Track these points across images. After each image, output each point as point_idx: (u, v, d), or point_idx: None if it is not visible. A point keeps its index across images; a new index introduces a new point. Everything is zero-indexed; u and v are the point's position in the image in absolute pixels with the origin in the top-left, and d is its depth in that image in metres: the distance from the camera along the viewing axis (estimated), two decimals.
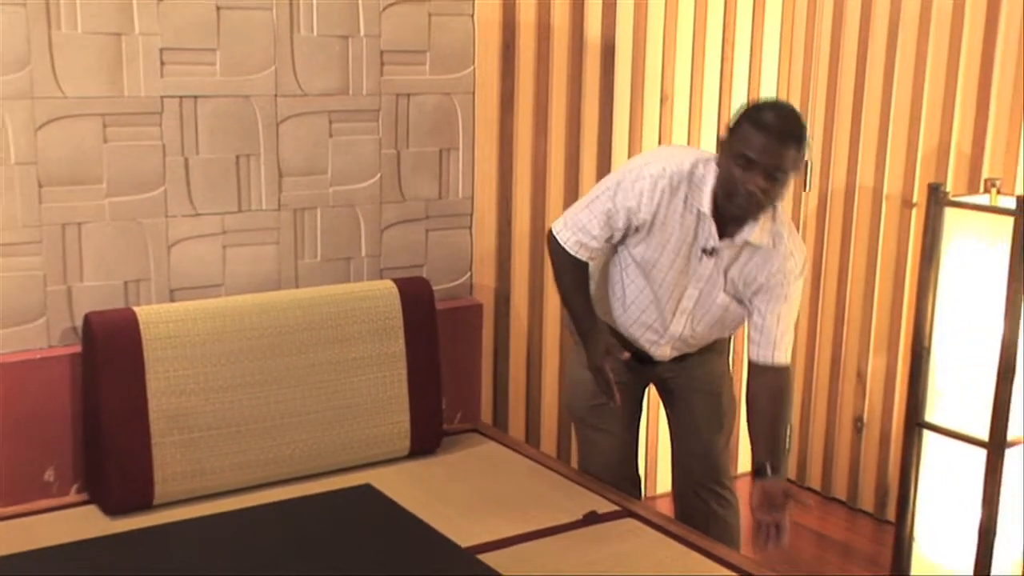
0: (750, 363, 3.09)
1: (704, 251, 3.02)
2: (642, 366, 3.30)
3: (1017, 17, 3.84)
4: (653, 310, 3.17)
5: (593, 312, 3.22)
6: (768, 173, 2.82)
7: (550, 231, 3.19)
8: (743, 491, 3.74)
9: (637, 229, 3.08)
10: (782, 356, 3.03)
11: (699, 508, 3.38)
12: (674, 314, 3.13)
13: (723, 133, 2.99)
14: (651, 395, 3.61)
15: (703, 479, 3.38)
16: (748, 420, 3.11)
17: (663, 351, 3.23)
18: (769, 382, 3.04)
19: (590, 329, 3.20)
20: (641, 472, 3.74)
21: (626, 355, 3.16)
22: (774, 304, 3.01)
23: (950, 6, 4.03)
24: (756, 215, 2.95)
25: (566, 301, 3.28)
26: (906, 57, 4.21)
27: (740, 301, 3.09)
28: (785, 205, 4.64)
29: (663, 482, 4.57)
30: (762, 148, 2.81)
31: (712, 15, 4.40)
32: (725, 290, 3.06)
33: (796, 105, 4.57)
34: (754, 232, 2.97)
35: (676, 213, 3.03)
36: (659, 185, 3.02)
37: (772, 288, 3.00)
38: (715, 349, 3.37)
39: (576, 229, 3.09)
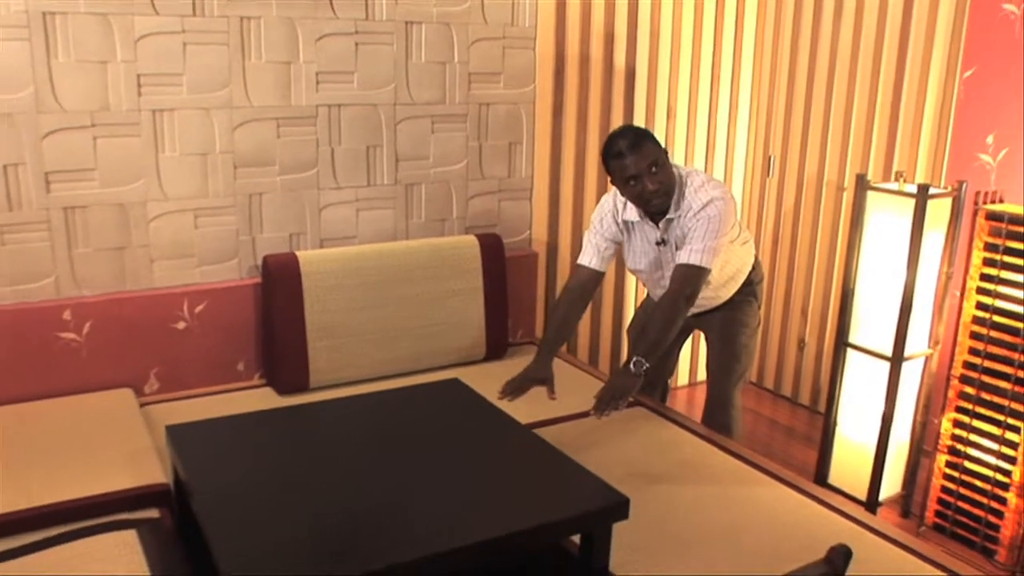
0: None
1: (658, 243, 2.95)
2: None
3: (920, 52, 3.85)
4: (654, 286, 3.12)
5: (551, 339, 2.98)
6: (647, 173, 2.76)
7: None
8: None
9: (617, 242, 3.04)
10: (686, 257, 2.78)
11: (709, 421, 3.24)
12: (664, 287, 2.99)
13: (609, 179, 2.87)
14: None
15: (713, 404, 3.24)
16: None
17: None
18: (674, 274, 2.81)
19: (541, 348, 2.97)
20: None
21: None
22: (689, 236, 2.82)
23: (872, 45, 4.03)
24: (668, 201, 2.84)
25: (551, 316, 3.07)
26: (841, 81, 4.19)
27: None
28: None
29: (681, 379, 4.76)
30: (632, 165, 2.74)
31: (704, 51, 4.38)
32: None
33: (763, 117, 4.64)
34: (671, 210, 2.87)
35: (626, 229, 3.00)
36: (605, 208, 3.01)
37: (690, 230, 2.81)
38: (730, 307, 3.18)
39: (583, 250, 3.05)
